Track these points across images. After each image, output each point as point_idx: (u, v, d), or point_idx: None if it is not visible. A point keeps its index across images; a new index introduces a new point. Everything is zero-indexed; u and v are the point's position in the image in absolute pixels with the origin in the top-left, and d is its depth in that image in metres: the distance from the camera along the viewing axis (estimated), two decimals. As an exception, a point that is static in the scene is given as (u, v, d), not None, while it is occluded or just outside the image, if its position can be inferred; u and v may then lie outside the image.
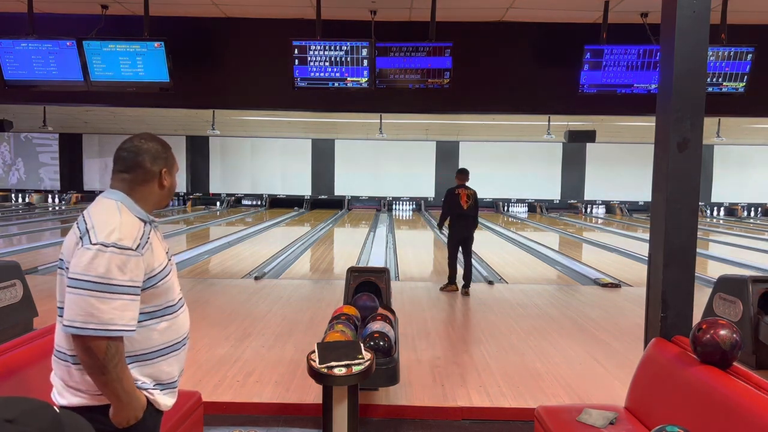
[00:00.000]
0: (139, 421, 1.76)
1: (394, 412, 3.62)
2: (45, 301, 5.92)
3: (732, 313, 4.61)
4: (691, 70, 2.94)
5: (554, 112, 8.68)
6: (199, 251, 10.88)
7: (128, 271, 1.66)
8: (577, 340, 5.10)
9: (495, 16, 6.43)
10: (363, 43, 5.97)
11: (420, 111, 8.42)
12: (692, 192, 2.97)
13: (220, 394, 3.75)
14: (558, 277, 8.85)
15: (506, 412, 3.61)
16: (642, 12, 6.13)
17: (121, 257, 1.66)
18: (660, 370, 2.63)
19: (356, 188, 22.30)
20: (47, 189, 22.55)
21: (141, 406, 1.76)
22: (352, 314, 3.81)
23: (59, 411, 0.85)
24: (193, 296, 6.64)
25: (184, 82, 6.34)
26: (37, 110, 15.49)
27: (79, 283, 1.64)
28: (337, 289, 6.91)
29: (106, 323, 1.62)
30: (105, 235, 1.67)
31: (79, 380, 1.72)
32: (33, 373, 2.34)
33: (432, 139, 21.54)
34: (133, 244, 1.70)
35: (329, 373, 2.65)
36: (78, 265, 1.65)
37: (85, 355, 1.64)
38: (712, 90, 6.13)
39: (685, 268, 2.98)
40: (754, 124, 17.36)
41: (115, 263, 1.64)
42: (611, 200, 22.21)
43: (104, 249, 1.65)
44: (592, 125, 15.50)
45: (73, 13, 6.42)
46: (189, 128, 20.36)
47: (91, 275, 1.63)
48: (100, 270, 1.63)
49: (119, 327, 1.64)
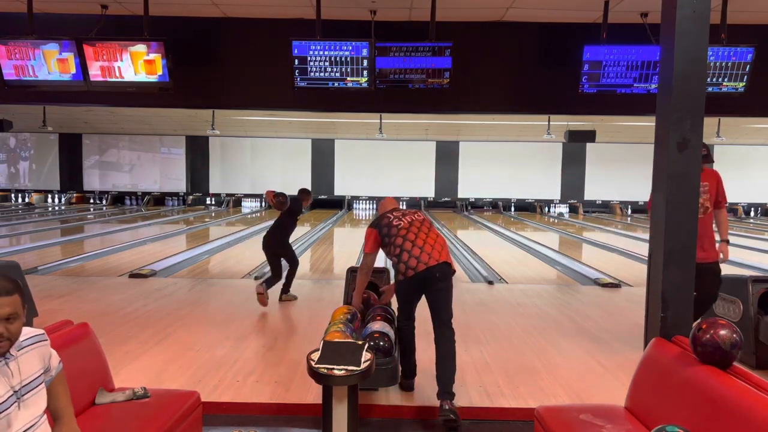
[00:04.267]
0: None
1: (394, 412, 3.61)
2: (45, 302, 5.93)
3: (732, 313, 4.61)
4: (691, 70, 2.94)
5: (554, 112, 8.70)
6: (199, 251, 10.88)
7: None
8: (577, 340, 5.10)
9: (495, 16, 6.43)
10: (363, 43, 5.97)
11: (420, 111, 8.44)
12: (692, 192, 2.97)
13: (220, 394, 3.74)
14: (558, 277, 8.84)
15: (506, 412, 3.60)
16: (642, 12, 6.14)
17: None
18: (660, 370, 2.63)
19: (356, 188, 22.29)
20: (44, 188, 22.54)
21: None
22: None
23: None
24: (193, 296, 6.64)
25: (184, 82, 6.34)
26: (37, 110, 15.50)
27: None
28: (337, 289, 6.90)
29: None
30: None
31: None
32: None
33: (432, 139, 21.54)
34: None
35: (329, 373, 2.65)
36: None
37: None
38: (712, 90, 6.13)
39: (685, 268, 2.98)
40: (754, 124, 17.36)
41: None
42: (611, 200, 22.21)
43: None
44: (592, 125, 15.50)
45: (73, 13, 6.42)
46: (189, 128, 20.36)
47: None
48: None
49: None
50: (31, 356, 1.97)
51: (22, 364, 1.92)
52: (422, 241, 3.63)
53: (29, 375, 1.94)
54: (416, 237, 3.65)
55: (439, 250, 3.62)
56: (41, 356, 2.02)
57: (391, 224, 3.75)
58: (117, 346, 4.62)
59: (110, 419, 2.59)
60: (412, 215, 3.83)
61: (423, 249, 3.59)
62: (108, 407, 2.69)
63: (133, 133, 21.69)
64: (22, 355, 1.93)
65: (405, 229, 3.70)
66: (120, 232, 14.06)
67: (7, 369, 1.87)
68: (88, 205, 22.06)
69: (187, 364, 4.28)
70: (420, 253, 3.57)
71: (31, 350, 1.98)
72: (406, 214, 3.83)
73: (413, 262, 3.57)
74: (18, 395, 1.89)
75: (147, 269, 8.20)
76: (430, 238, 3.66)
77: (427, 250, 3.58)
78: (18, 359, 1.91)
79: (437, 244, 3.64)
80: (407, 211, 3.90)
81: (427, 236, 3.67)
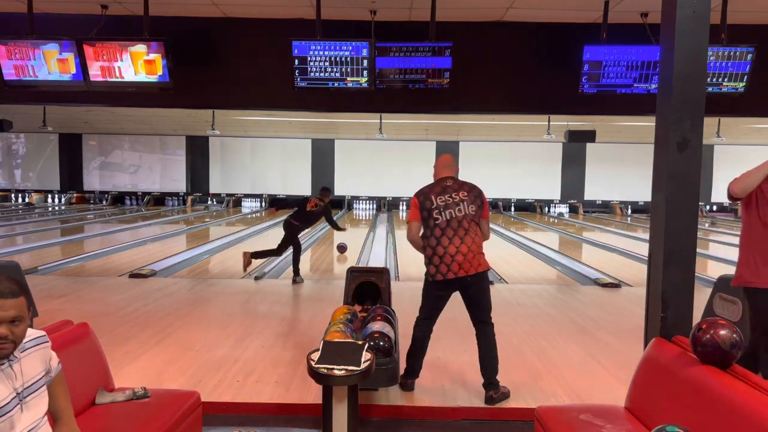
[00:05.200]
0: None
1: (394, 412, 3.61)
2: (45, 301, 5.93)
3: (732, 313, 4.61)
4: (691, 70, 2.93)
5: (554, 112, 8.70)
6: (199, 251, 10.88)
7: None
8: (577, 340, 5.10)
9: (495, 16, 6.43)
10: (363, 44, 5.97)
11: (420, 111, 8.44)
12: (692, 192, 2.97)
13: (220, 394, 3.75)
14: (558, 277, 8.84)
15: (506, 412, 3.61)
16: (642, 12, 6.13)
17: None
18: (660, 370, 2.63)
19: (356, 188, 22.29)
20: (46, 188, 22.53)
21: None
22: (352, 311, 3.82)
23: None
24: (193, 296, 6.64)
25: (184, 82, 6.34)
26: (37, 110, 15.50)
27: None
28: (337, 289, 6.90)
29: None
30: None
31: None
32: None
33: (432, 139, 21.54)
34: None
35: (329, 373, 2.65)
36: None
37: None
38: (712, 90, 6.13)
39: (685, 268, 2.98)
40: (754, 124, 17.35)
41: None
42: (611, 200, 22.21)
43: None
44: (592, 125, 15.50)
45: (73, 13, 6.42)
46: (189, 128, 20.36)
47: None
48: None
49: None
50: (33, 358, 1.97)
51: (24, 366, 1.92)
52: (455, 248, 3.59)
53: (31, 377, 1.94)
54: (450, 242, 3.61)
55: (470, 260, 3.59)
56: (43, 358, 2.02)
57: (432, 211, 3.67)
58: (117, 346, 4.62)
59: (110, 419, 2.59)
60: (454, 208, 3.65)
61: (454, 258, 3.58)
62: (108, 407, 2.69)
63: (133, 133, 21.69)
64: (24, 358, 1.93)
65: (441, 229, 3.64)
66: (120, 232, 14.07)
67: (10, 371, 1.87)
68: (88, 205, 22.06)
69: (187, 364, 4.28)
70: (451, 261, 3.58)
71: (34, 352, 1.98)
72: (449, 206, 3.65)
73: (444, 269, 3.60)
74: (20, 397, 1.89)
75: (147, 269, 8.20)
76: (464, 245, 3.60)
77: (459, 260, 3.58)
78: (21, 361, 1.92)
79: (470, 253, 3.60)
80: (454, 197, 3.68)
81: (462, 241, 3.60)
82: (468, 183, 3.82)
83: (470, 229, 3.67)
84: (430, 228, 3.69)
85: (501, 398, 3.67)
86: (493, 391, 3.67)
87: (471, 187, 3.78)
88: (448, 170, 3.86)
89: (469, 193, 3.72)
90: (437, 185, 3.78)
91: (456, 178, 3.84)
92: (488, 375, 3.70)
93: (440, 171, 3.87)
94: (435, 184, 3.81)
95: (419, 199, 3.75)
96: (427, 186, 3.82)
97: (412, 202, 3.81)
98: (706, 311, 5.00)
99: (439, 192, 3.72)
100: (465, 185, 3.78)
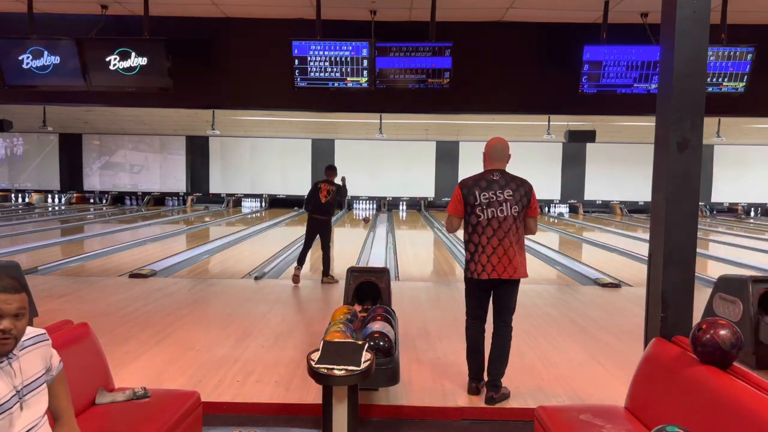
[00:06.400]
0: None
1: (394, 412, 3.61)
2: (45, 301, 5.93)
3: (732, 313, 4.61)
4: (691, 70, 2.93)
5: (554, 112, 8.69)
6: (199, 251, 10.88)
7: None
8: (577, 340, 5.10)
9: (495, 16, 6.43)
10: (363, 44, 5.97)
11: (420, 111, 8.44)
12: (692, 192, 2.97)
13: (220, 394, 3.74)
14: (558, 277, 8.84)
15: (506, 412, 3.61)
16: (642, 12, 6.13)
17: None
18: (660, 370, 2.63)
19: (356, 188, 22.26)
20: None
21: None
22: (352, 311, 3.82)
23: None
24: (193, 296, 6.64)
25: (184, 82, 6.34)
26: (37, 110, 15.50)
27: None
28: (337, 289, 6.91)
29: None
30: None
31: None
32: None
33: (432, 139, 21.54)
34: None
35: (329, 373, 2.65)
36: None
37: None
38: (712, 90, 6.13)
39: (685, 268, 2.98)
40: (754, 124, 17.36)
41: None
42: (611, 200, 22.21)
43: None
44: (592, 125, 15.50)
45: (73, 13, 6.42)
46: (189, 128, 20.36)
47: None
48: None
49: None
50: (33, 356, 1.97)
51: (24, 364, 1.92)
52: (492, 249, 3.56)
53: (31, 375, 1.94)
54: (488, 241, 3.57)
55: (506, 264, 3.56)
56: (43, 356, 2.02)
57: (474, 207, 3.58)
58: (117, 346, 4.62)
59: (110, 419, 2.59)
60: (497, 208, 3.54)
61: (490, 259, 3.57)
62: (108, 407, 2.69)
63: (133, 133, 21.68)
64: (24, 355, 1.93)
65: (482, 227, 3.58)
66: (120, 232, 14.06)
67: (9, 368, 1.87)
68: (88, 205, 22.06)
69: (187, 364, 4.28)
70: (487, 261, 3.58)
71: (33, 350, 1.98)
72: (492, 204, 3.54)
73: (480, 268, 3.60)
74: (20, 395, 1.89)
75: (147, 269, 8.20)
76: (501, 247, 3.55)
77: (494, 262, 3.57)
78: (20, 359, 1.92)
79: (505, 257, 3.56)
80: (498, 196, 3.55)
81: (500, 243, 3.55)
82: (517, 178, 3.62)
83: (510, 231, 3.56)
84: (472, 225, 3.61)
85: (501, 398, 3.67)
86: (494, 392, 3.67)
87: (519, 184, 3.60)
88: (496, 162, 3.67)
89: (514, 193, 3.56)
90: (483, 179, 3.61)
91: (504, 171, 3.65)
92: (493, 375, 3.69)
93: (488, 162, 3.69)
94: (480, 177, 3.63)
95: (463, 192, 3.61)
96: (472, 178, 3.66)
97: (456, 192, 3.65)
98: (706, 311, 5.01)
99: (484, 187, 3.57)
100: (512, 182, 3.59)
